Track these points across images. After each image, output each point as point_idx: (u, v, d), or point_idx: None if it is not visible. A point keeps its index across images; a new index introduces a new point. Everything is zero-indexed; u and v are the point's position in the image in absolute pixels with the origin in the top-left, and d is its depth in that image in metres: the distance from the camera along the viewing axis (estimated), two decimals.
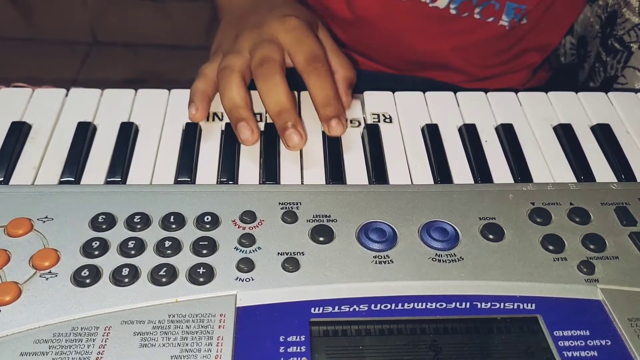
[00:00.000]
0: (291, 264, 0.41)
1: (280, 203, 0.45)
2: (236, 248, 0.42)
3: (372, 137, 0.52)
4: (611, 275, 0.42)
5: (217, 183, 0.48)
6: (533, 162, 0.51)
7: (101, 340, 0.36)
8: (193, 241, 0.42)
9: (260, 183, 0.48)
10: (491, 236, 0.44)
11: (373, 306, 0.39)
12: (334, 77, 0.55)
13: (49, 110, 0.53)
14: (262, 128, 0.53)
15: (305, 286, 0.40)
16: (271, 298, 0.39)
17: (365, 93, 0.57)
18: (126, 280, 0.39)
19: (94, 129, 0.52)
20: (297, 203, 0.45)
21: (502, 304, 0.40)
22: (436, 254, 0.42)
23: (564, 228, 0.45)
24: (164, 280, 0.40)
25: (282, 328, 0.37)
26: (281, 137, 0.51)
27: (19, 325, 0.37)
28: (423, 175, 0.50)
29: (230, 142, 0.51)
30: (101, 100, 0.55)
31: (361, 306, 0.39)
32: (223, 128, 0.53)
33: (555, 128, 0.55)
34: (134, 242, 0.42)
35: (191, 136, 0.51)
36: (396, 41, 0.75)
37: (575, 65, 0.82)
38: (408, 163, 0.50)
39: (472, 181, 0.49)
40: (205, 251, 0.41)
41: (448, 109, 0.56)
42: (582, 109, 0.57)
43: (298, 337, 0.37)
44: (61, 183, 0.47)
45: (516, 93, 0.58)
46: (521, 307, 0.40)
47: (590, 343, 0.38)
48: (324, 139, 0.52)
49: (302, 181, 0.48)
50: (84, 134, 0.51)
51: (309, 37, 0.54)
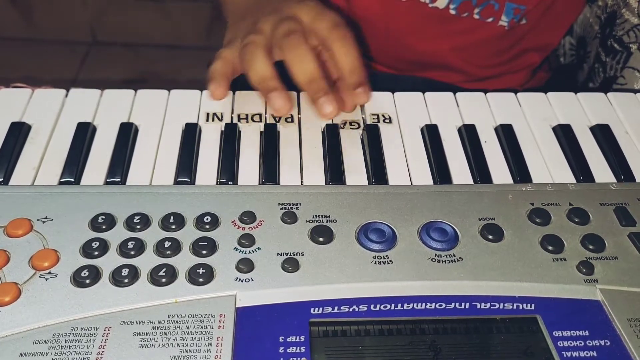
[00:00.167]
0: (291, 265, 0.41)
1: (279, 203, 0.45)
2: (236, 248, 0.42)
3: (372, 138, 0.52)
4: (610, 275, 0.42)
5: (217, 183, 0.48)
6: (532, 163, 0.51)
7: (101, 340, 0.36)
8: (193, 241, 0.42)
9: (259, 183, 0.48)
10: (490, 236, 0.44)
11: (372, 306, 0.39)
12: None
13: (49, 110, 0.53)
14: (262, 128, 0.53)
15: (304, 286, 0.40)
16: (271, 298, 0.39)
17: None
18: (126, 280, 0.39)
19: (94, 130, 0.52)
20: (297, 203, 0.45)
21: (502, 304, 0.40)
22: (436, 255, 0.42)
23: (564, 228, 0.45)
24: (164, 280, 0.40)
25: (282, 328, 0.37)
26: (314, 106, 0.51)
27: (19, 325, 0.37)
28: (422, 175, 0.50)
29: (230, 143, 0.51)
30: (101, 100, 0.55)
31: (361, 306, 0.39)
32: (223, 128, 0.53)
33: (554, 128, 0.55)
34: (134, 243, 0.42)
35: (191, 136, 0.51)
36: (396, 41, 0.75)
37: (574, 65, 0.82)
38: (407, 163, 0.50)
39: (472, 181, 0.49)
40: (205, 252, 0.41)
41: (447, 110, 0.56)
42: (582, 110, 0.57)
43: (298, 338, 0.37)
44: (61, 183, 0.47)
45: (515, 93, 0.58)
46: (520, 308, 0.40)
47: (589, 343, 0.38)
48: (324, 139, 0.52)
49: (302, 182, 0.48)
50: (84, 135, 0.51)
51: (327, 10, 0.54)
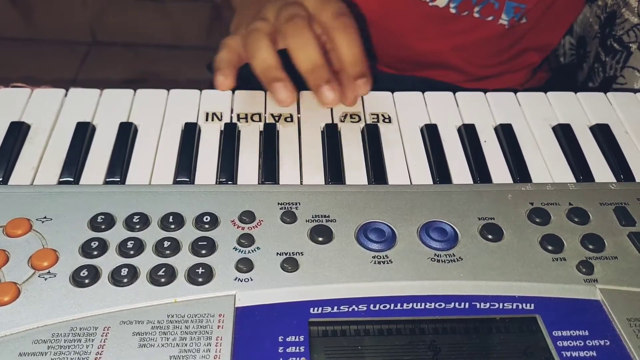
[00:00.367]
0: (290, 264, 0.41)
1: (279, 203, 0.45)
2: (235, 248, 0.42)
3: (372, 137, 0.52)
4: (610, 275, 0.42)
5: (216, 183, 0.48)
6: (532, 162, 0.51)
7: (100, 340, 0.36)
8: (192, 241, 0.42)
9: (259, 183, 0.48)
10: (490, 236, 0.44)
11: (372, 306, 0.39)
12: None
13: (48, 110, 0.53)
14: (261, 128, 0.53)
15: (304, 286, 0.40)
16: (270, 298, 0.39)
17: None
18: (125, 280, 0.39)
19: (93, 129, 0.52)
20: (296, 203, 0.45)
21: (501, 304, 0.40)
22: (435, 254, 0.42)
23: (563, 228, 0.45)
24: (163, 280, 0.40)
25: (281, 328, 0.37)
26: (315, 94, 0.50)
27: (18, 325, 0.37)
28: (422, 175, 0.49)
29: (229, 142, 0.51)
30: (100, 100, 0.55)
31: (360, 306, 0.39)
32: (222, 128, 0.53)
33: (554, 128, 0.55)
34: (133, 242, 0.42)
35: (190, 136, 0.51)
36: (396, 41, 0.75)
37: (574, 65, 0.82)
38: (407, 163, 0.50)
39: (471, 181, 0.49)
40: (204, 251, 0.41)
41: (447, 109, 0.56)
42: (581, 109, 0.57)
43: (297, 337, 0.37)
44: (60, 183, 0.47)
45: (515, 93, 0.58)
46: (520, 307, 0.40)
47: (589, 343, 0.38)
48: (324, 139, 0.52)
49: (301, 181, 0.48)
50: (83, 134, 0.51)
51: (335, 0, 0.54)
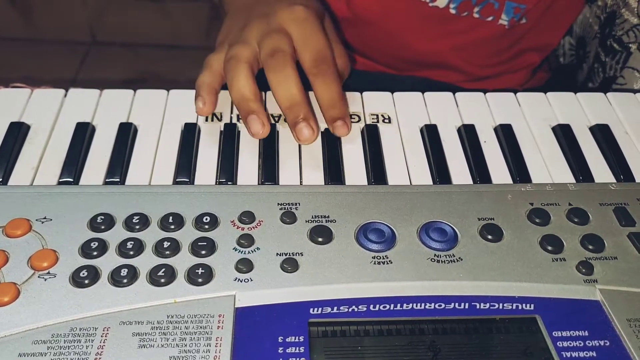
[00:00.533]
0: (290, 265, 0.41)
1: (279, 204, 0.45)
2: (235, 249, 0.42)
3: (371, 138, 0.52)
4: (610, 275, 0.42)
5: (216, 184, 0.48)
6: (532, 163, 0.51)
7: (100, 340, 0.36)
8: (192, 242, 0.42)
9: (259, 184, 0.48)
10: (490, 237, 0.44)
11: (372, 307, 0.39)
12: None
13: (48, 110, 0.53)
14: None
15: (304, 287, 0.40)
16: (270, 299, 0.39)
17: (364, 94, 0.57)
18: (125, 280, 0.39)
19: (93, 130, 0.52)
20: (296, 204, 0.45)
21: (501, 305, 0.40)
22: (435, 255, 0.42)
23: (563, 228, 0.45)
24: (163, 280, 0.40)
25: (281, 328, 0.37)
26: (292, 131, 0.51)
27: (18, 326, 0.37)
28: (422, 175, 0.49)
29: (229, 143, 0.51)
30: (100, 100, 0.55)
31: (360, 307, 0.39)
32: (222, 128, 0.53)
33: (554, 128, 0.55)
34: (133, 243, 0.42)
35: (190, 136, 0.51)
36: (395, 41, 0.75)
37: (574, 65, 0.82)
38: (407, 163, 0.50)
39: (471, 181, 0.49)
40: (204, 252, 0.41)
41: (447, 110, 0.56)
42: (581, 110, 0.57)
43: (297, 338, 0.37)
44: (60, 183, 0.47)
45: (515, 93, 0.58)
46: (520, 308, 0.40)
47: (589, 343, 0.38)
48: (323, 140, 0.52)
49: (301, 182, 0.48)
50: (83, 135, 0.51)
51: (317, 33, 0.54)
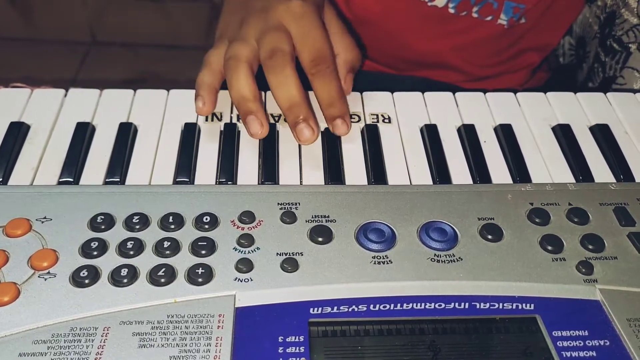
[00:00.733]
0: (290, 265, 0.41)
1: (279, 203, 0.45)
2: (235, 248, 0.42)
3: (371, 138, 0.52)
4: (610, 275, 0.42)
5: (216, 183, 0.48)
6: (532, 163, 0.51)
7: (100, 340, 0.36)
8: (192, 241, 0.42)
9: (259, 183, 0.48)
10: (490, 236, 0.44)
11: (372, 306, 0.39)
12: (338, 63, 0.55)
13: (48, 110, 0.53)
14: None
15: (304, 286, 0.40)
16: (270, 298, 0.39)
17: (364, 93, 0.57)
18: (125, 280, 0.39)
19: (93, 129, 0.52)
20: (296, 203, 0.45)
21: (501, 304, 0.40)
22: (435, 254, 0.42)
23: (563, 228, 0.45)
24: (163, 280, 0.40)
25: (281, 328, 0.37)
26: (292, 132, 0.51)
27: (18, 325, 0.37)
28: (422, 175, 0.49)
29: (229, 143, 0.51)
30: (100, 100, 0.55)
31: (360, 306, 0.39)
32: (222, 128, 0.53)
33: (554, 128, 0.55)
34: (133, 243, 0.42)
35: (190, 136, 0.51)
36: (395, 41, 0.75)
37: (574, 65, 0.82)
38: (407, 163, 0.50)
39: (471, 181, 0.49)
40: (204, 251, 0.41)
41: (447, 110, 0.56)
42: (581, 110, 0.57)
43: (297, 338, 0.37)
44: (60, 183, 0.47)
45: (515, 93, 0.58)
46: (520, 308, 0.40)
47: (588, 343, 0.38)
48: (323, 140, 0.52)
49: (301, 181, 0.48)
50: (83, 134, 0.51)
51: (315, 29, 0.54)
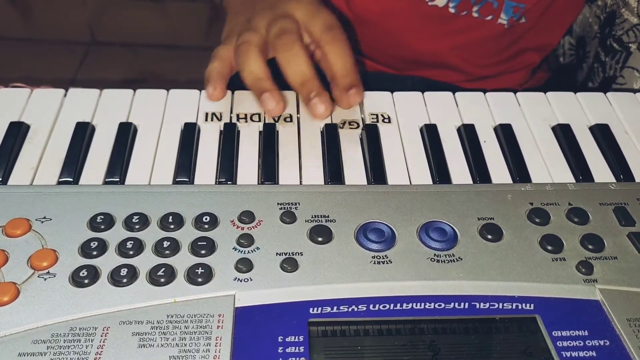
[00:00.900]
0: (290, 264, 0.41)
1: (279, 203, 0.45)
2: (235, 248, 0.42)
3: (371, 138, 0.52)
4: (610, 275, 0.42)
5: (216, 183, 0.48)
6: (532, 163, 0.51)
7: (99, 340, 0.36)
8: (191, 241, 0.42)
9: (259, 183, 0.48)
10: (490, 236, 0.44)
11: (371, 306, 0.39)
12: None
13: (48, 110, 0.53)
14: (261, 128, 0.53)
15: (303, 286, 0.40)
16: (270, 298, 0.39)
17: (364, 93, 0.57)
18: (124, 280, 0.39)
19: (93, 129, 0.52)
20: (296, 203, 0.45)
21: (501, 304, 0.40)
22: (435, 254, 0.42)
23: (563, 228, 0.45)
24: (163, 280, 0.39)
25: (281, 328, 0.37)
26: (307, 107, 0.52)
27: (17, 325, 0.37)
28: (422, 175, 0.49)
29: (229, 142, 0.51)
30: (100, 100, 0.55)
31: (360, 306, 0.39)
32: (222, 128, 0.53)
33: (554, 128, 0.55)
34: (133, 243, 0.41)
35: (190, 136, 0.51)
36: (395, 40, 0.75)
37: (574, 65, 0.82)
38: (407, 163, 0.50)
39: (471, 181, 0.49)
40: (203, 251, 0.41)
41: (447, 110, 0.56)
42: (581, 109, 0.57)
43: (296, 337, 0.37)
44: (59, 183, 0.47)
45: (515, 93, 0.58)
46: (520, 307, 0.40)
47: (588, 343, 0.38)
48: (323, 140, 0.52)
49: (301, 181, 0.48)
50: (83, 134, 0.51)
51: (324, 10, 0.55)
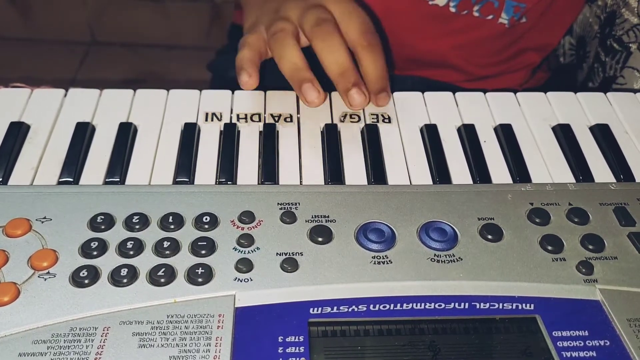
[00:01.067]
0: (290, 265, 0.41)
1: (279, 203, 0.45)
2: (235, 248, 0.42)
3: (371, 138, 0.52)
4: (610, 275, 0.42)
5: (216, 183, 0.48)
6: (532, 163, 0.51)
7: (100, 340, 0.36)
8: (192, 241, 0.42)
9: (259, 183, 0.48)
10: (490, 236, 0.44)
11: (372, 306, 0.39)
12: None
13: (48, 110, 0.53)
14: (261, 128, 0.53)
15: (303, 286, 0.40)
16: (270, 298, 0.39)
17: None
18: (125, 280, 0.39)
19: (93, 129, 0.52)
20: (296, 203, 0.45)
21: (501, 304, 0.40)
22: (435, 254, 0.42)
23: (563, 228, 0.45)
24: (163, 280, 0.40)
25: (281, 328, 0.37)
26: (343, 97, 0.53)
27: (17, 325, 0.37)
28: (422, 175, 0.49)
29: (229, 143, 0.51)
30: (100, 100, 0.55)
31: (360, 306, 0.39)
32: (222, 128, 0.53)
33: (554, 128, 0.55)
34: (133, 243, 0.41)
35: (190, 136, 0.51)
36: (395, 40, 0.75)
37: (574, 65, 0.82)
38: (407, 163, 0.50)
39: (471, 181, 0.49)
40: (204, 251, 0.41)
41: (447, 110, 0.56)
42: (581, 109, 0.57)
43: (297, 338, 0.37)
44: (60, 183, 0.47)
45: (515, 93, 0.58)
46: (520, 308, 0.40)
47: (589, 343, 0.38)
48: (323, 140, 0.52)
49: (301, 181, 0.48)
50: (83, 134, 0.51)
51: (358, 9, 0.56)
